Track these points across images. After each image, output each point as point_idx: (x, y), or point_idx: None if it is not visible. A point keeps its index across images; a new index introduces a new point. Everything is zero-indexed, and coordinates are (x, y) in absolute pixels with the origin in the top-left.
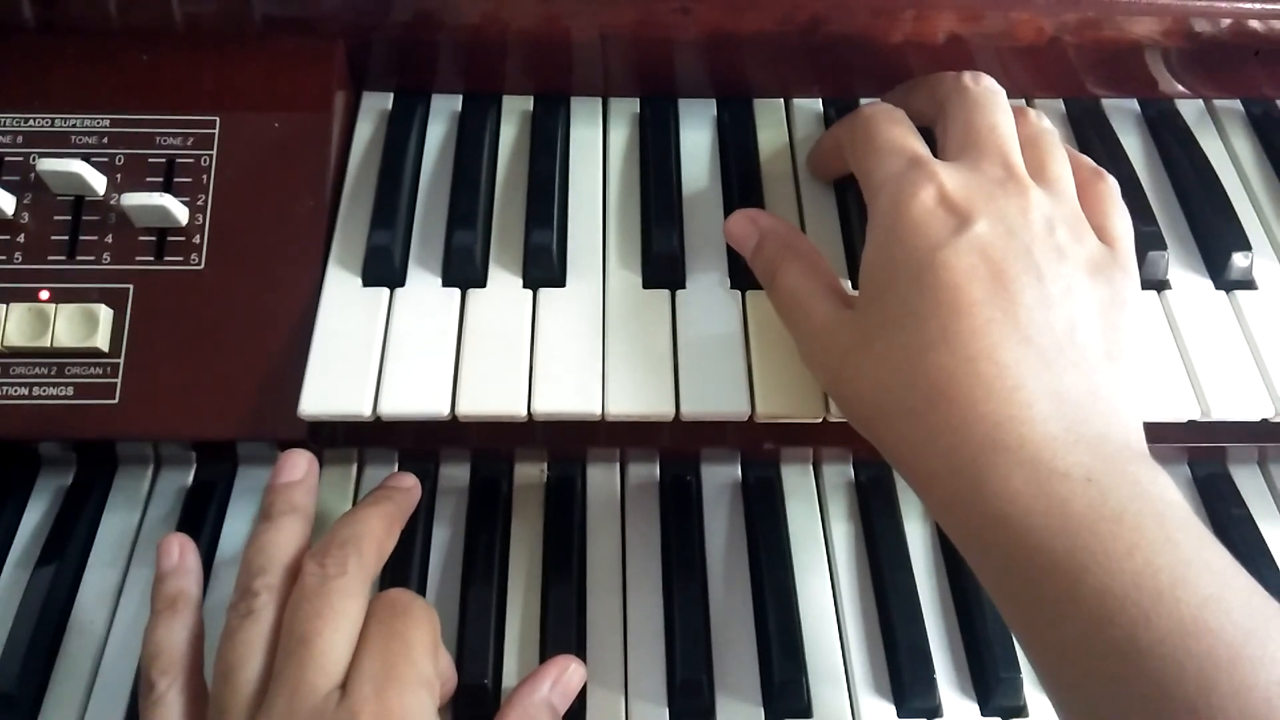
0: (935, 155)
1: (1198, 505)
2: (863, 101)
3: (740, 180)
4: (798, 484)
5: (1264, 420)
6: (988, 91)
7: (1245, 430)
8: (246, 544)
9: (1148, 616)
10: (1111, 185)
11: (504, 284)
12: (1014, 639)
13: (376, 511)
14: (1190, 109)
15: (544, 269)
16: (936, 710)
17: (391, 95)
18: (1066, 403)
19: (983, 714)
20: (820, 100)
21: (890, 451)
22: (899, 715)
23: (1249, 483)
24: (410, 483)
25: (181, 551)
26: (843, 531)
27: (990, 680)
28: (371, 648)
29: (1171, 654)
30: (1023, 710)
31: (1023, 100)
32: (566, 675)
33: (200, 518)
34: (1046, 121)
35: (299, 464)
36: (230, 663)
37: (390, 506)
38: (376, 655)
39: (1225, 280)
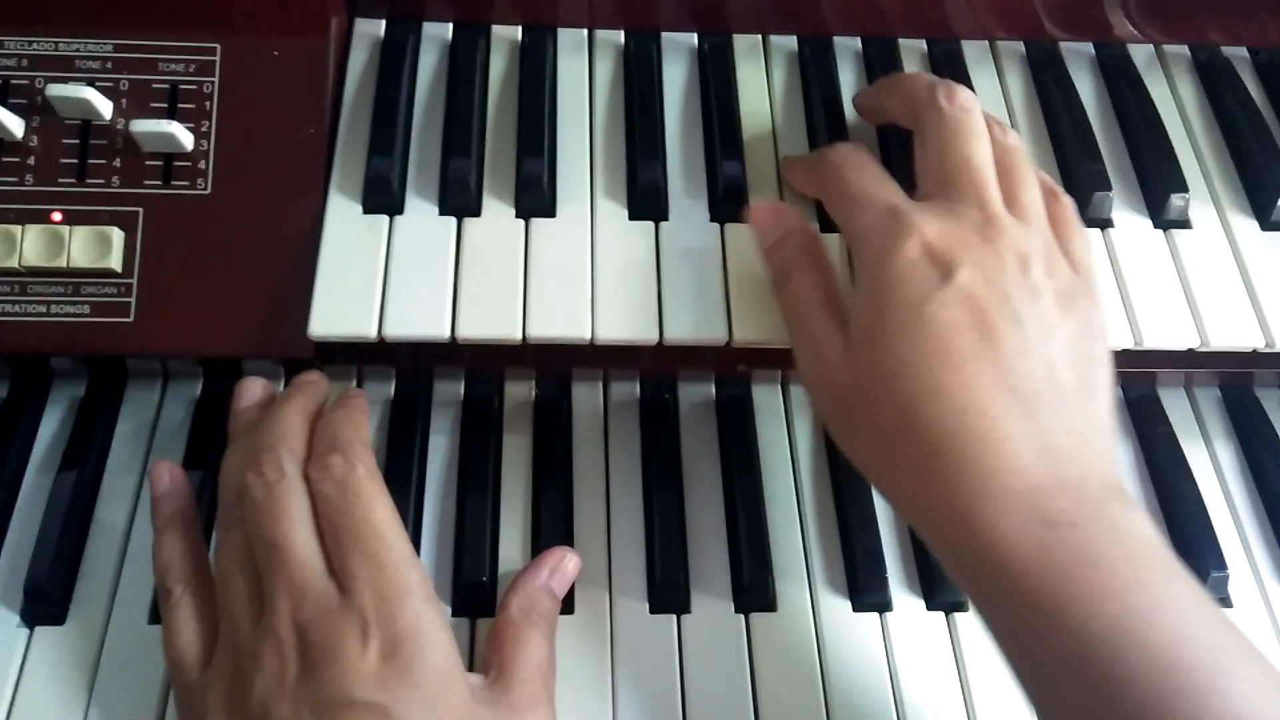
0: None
1: (1128, 424)
2: (836, 40)
3: (720, 116)
4: (767, 402)
5: (1190, 350)
6: (962, 112)
7: (1174, 358)
8: (220, 468)
9: (1122, 656)
10: (1069, 205)
11: (498, 213)
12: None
13: (290, 407)
14: (1141, 54)
15: (536, 200)
16: (887, 604)
17: (383, 23)
18: (1050, 449)
19: (928, 608)
20: (796, 38)
21: (885, 489)
22: (854, 609)
23: (1174, 404)
24: (314, 377)
25: (171, 476)
26: (807, 445)
27: (936, 579)
28: (347, 544)
29: (1144, 690)
30: (964, 605)
31: (986, 43)
32: (563, 564)
33: (210, 429)
34: (1014, 137)
35: (253, 389)
36: (222, 572)
37: (301, 399)
38: (356, 550)
39: (1164, 220)
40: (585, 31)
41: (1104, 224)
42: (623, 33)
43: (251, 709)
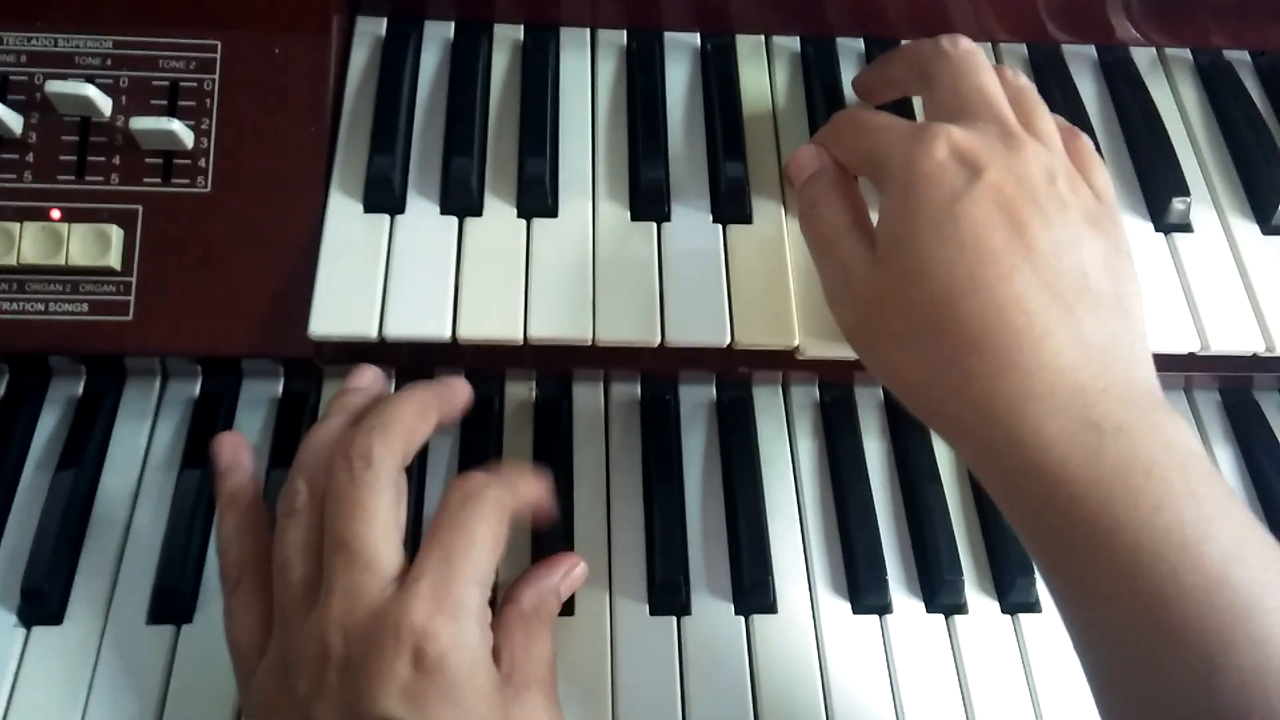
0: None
1: None
2: (839, 41)
3: (722, 117)
4: (768, 404)
5: (1190, 353)
6: (968, 53)
7: (1174, 361)
8: (300, 445)
9: (1175, 570)
10: (1088, 142)
11: (499, 213)
12: (1039, 573)
13: (408, 397)
14: (1143, 57)
15: (538, 200)
16: (888, 607)
17: (385, 20)
18: (1091, 348)
19: (928, 611)
20: (799, 39)
21: (918, 399)
22: (854, 611)
23: (1174, 407)
24: (457, 382)
25: (232, 449)
26: (808, 447)
27: (936, 581)
28: (434, 542)
29: (1195, 607)
30: (963, 608)
31: (989, 45)
32: (575, 571)
33: (209, 428)
34: (1024, 78)
35: (365, 375)
36: (281, 561)
37: (426, 394)
38: (437, 551)
39: (1165, 223)
40: (588, 31)
41: None
42: (625, 33)
43: (295, 703)
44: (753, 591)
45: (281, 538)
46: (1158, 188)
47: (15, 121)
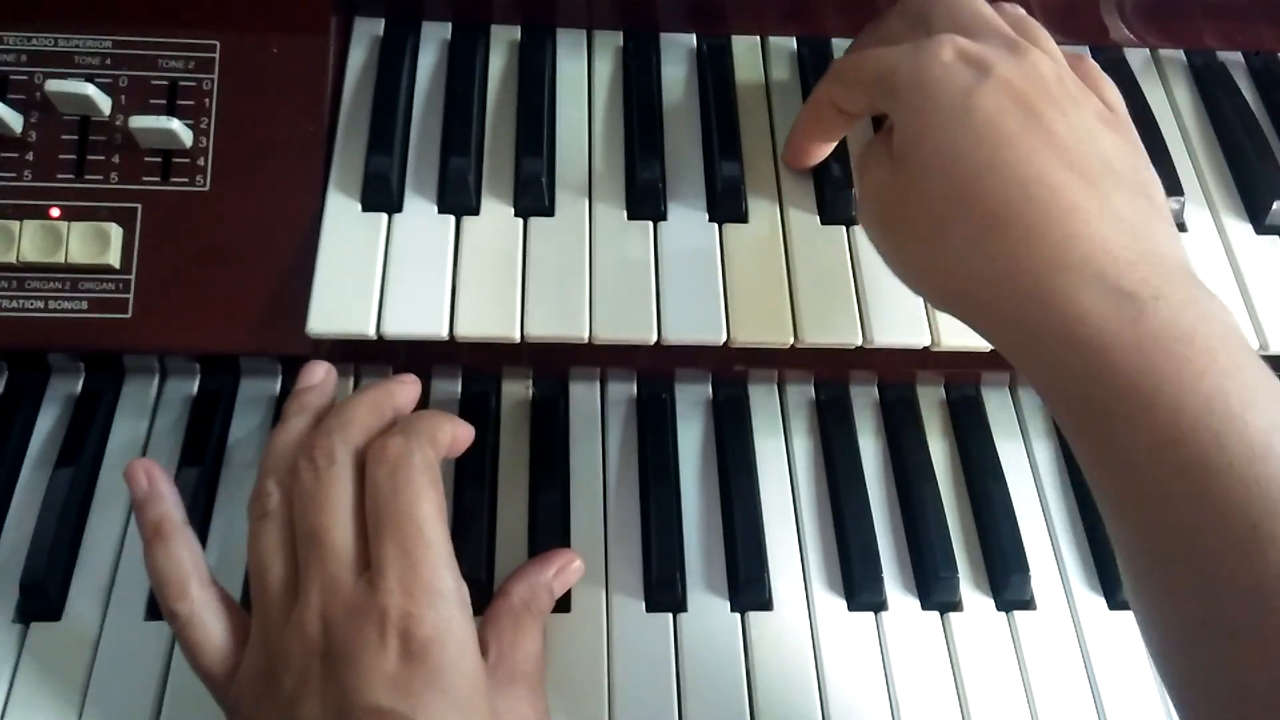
0: None
1: None
2: (834, 42)
3: (719, 117)
4: (763, 402)
5: None
6: None
7: None
8: (264, 448)
9: (1219, 439)
10: (1095, 65)
11: (496, 213)
12: (1067, 441)
13: (363, 397)
14: (1137, 58)
15: (535, 199)
16: (882, 604)
17: (383, 21)
18: (1121, 220)
19: (923, 608)
20: (794, 39)
21: (942, 285)
22: (850, 608)
23: None
24: (407, 378)
25: (149, 477)
26: (803, 445)
27: (930, 579)
28: (384, 535)
29: (1239, 476)
30: (958, 605)
31: None
32: (570, 567)
33: (207, 426)
34: (1020, 10)
35: (316, 372)
36: (257, 563)
37: (378, 392)
38: (392, 544)
39: None
40: (584, 32)
41: None
42: (621, 33)
43: (281, 706)
44: (748, 588)
45: (257, 541)
46: None
47: (15, 120)
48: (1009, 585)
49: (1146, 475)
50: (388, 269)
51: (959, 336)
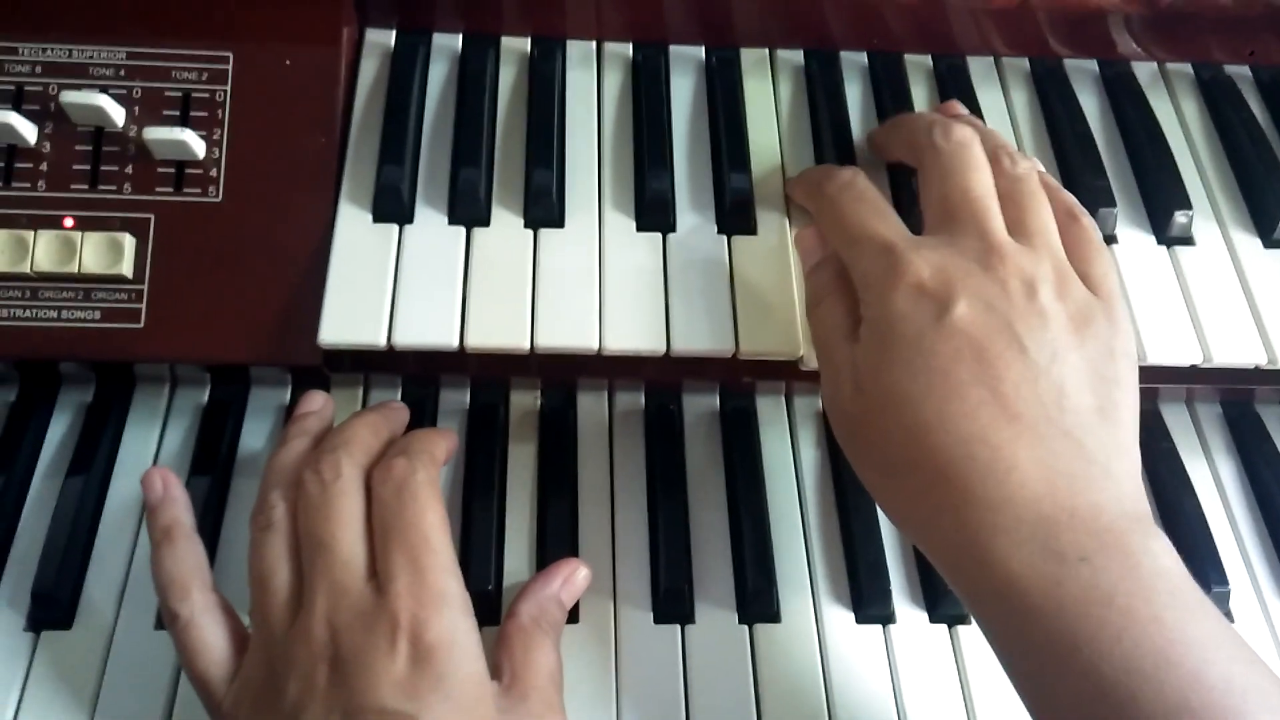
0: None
1: None
2: (842, 55)
3: (727, 129)
4: (771, 414)
5: (1193, 366)
6: (959, 148)
7: (1176, 374)
8: (265, 466)
9: (1134, 697)
10: (1089, 226)
11: (507, 224)
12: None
13: (362, 420)
14: (1145, 71)
15: (545, 211)
16: (890, 617)
17: (394, 33)
18: (1060, 476)
19: (931, 620)
20: (802, 52)
21: (897, 520)
22: (857, 621)
23: (1176, 419)
24: (397, 405)
25: (165, 483)
26: (811, 457)
27: (939, 591)
28: (392, 545)
29: None
30: (966, 618)
31: (992, 59)
32: (575, 575)
33: (218, 435)
34: (1024, 165)
35: (315, 399)
36: (261, 572)
37: (375, 416)
38: (400, 552)
39: (1167, 236)
40: (594, 44)
41: (1108, 240)
42: (631, 45)
43: (284, 711)
44: (757, 600)
45: (260, 550)
46: (1160, 201)
47: (30, 131)
48: None
49: None
50: (399, 280)
51: None
